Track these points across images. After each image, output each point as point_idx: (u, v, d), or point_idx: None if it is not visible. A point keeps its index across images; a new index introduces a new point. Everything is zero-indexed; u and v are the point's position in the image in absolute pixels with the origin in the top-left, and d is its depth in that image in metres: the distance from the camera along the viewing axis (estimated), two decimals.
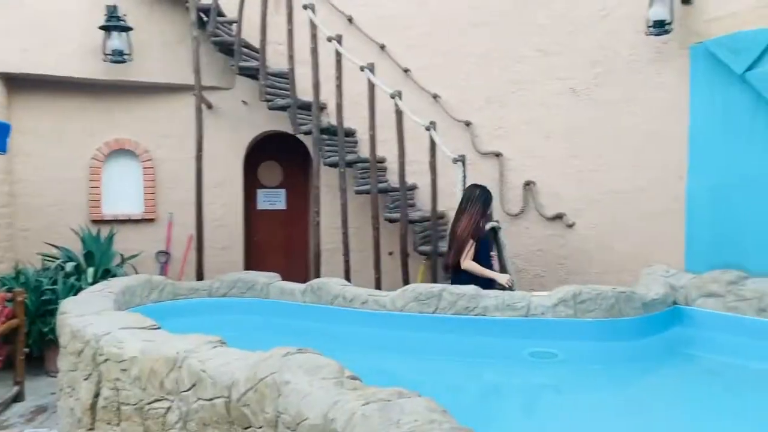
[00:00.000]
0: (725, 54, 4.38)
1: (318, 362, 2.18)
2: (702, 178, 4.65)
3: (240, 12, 5.75)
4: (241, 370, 2.32)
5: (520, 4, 5.76)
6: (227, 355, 2.54)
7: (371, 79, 5.41)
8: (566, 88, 5.55)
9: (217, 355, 2.56)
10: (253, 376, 2.22)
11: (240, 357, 2.46)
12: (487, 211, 4.71)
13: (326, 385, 1.99)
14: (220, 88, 6.33)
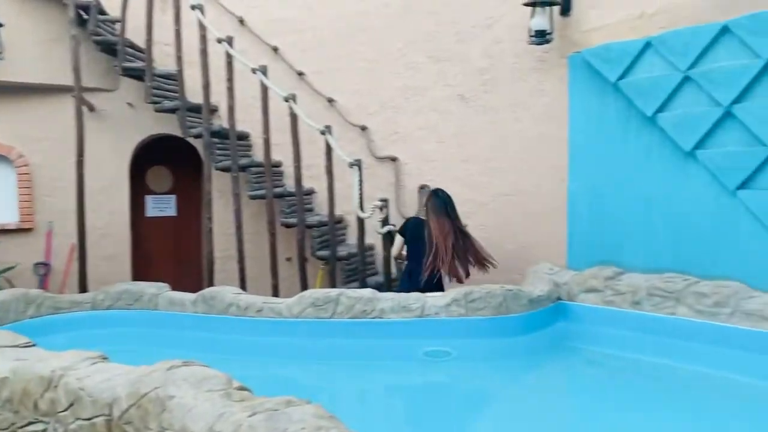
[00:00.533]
0: (600, 63, 4.67)
1: (204, 374, 2.11)
2: (581, 180, 4.93)
3: (123, 10, 5.50)
4: (123, 387, 2.21)
5: (408, 12, 5.87)
6: (108, 371, 2.41)
7: (264, 81, 5.34)
8: (456, 95, 5.72)
9: (97, 372, 2.42)
10: (136, 391, 2.12)
11: (122, 373, 2.34)
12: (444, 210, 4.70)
13: (212, 398, 1.93)
14: (103, 90, 6.01)
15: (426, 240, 4.64)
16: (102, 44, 5.69)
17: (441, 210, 4.69)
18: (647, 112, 4.43)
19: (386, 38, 5.99)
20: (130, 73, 5.74)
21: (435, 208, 4.70)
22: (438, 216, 4.67)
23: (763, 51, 3.83)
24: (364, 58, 6.07)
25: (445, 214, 4.68)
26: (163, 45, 5.82)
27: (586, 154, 4.90)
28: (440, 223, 4.64)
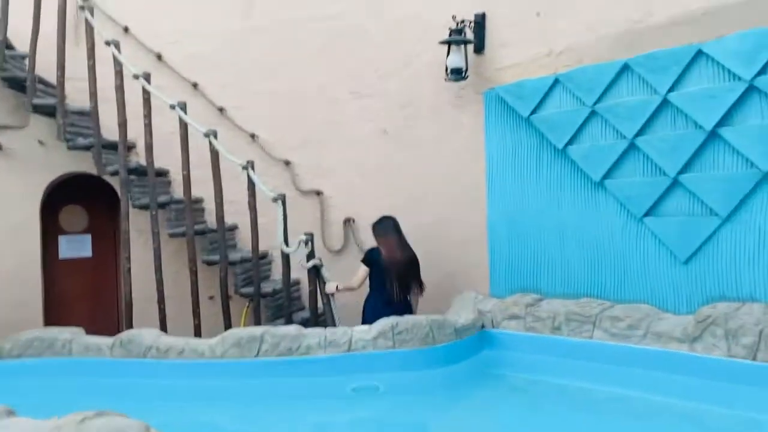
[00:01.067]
0: (513, 99, 4.88)
1: (120, 425, 2.03)
2: (499, 210, 5.09)
3: (33, 46, 5.30)
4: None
5: (330, 49, 5.96)
6: (13, 426, 2.26)
7: (183, 117, 5.26)
8: (379, 129, 5.82)
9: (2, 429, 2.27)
10: None
11: (28, 428, 2.21)
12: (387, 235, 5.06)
13: None
14: (11, 127, 5.73)
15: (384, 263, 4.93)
16: (9, 81, 5.46)
17: (388, 229, 5.06)
18: (558, 144, 4.65)
19: (308, 74, 6.04)
20: (41, 110, 5.51)
21: (383, 232, 5.06)
22: (386, 235, 5.03)
23: (661, 87, 4.12)
24: (288, 93, 6.09)
25: (392, 231, 5.05)
26: (77, 81, 5.63)
27: (503, 185, 5.08)
28: (388, 242, 5.00)
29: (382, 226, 5.09)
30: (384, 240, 5.03)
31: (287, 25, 6.05)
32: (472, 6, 5.18)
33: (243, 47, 6.14)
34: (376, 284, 5.03)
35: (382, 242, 5.03)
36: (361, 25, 5.83)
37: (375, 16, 5.78)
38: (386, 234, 5.05)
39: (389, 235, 5.04)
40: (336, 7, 5.91)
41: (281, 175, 6.13)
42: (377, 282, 5.01)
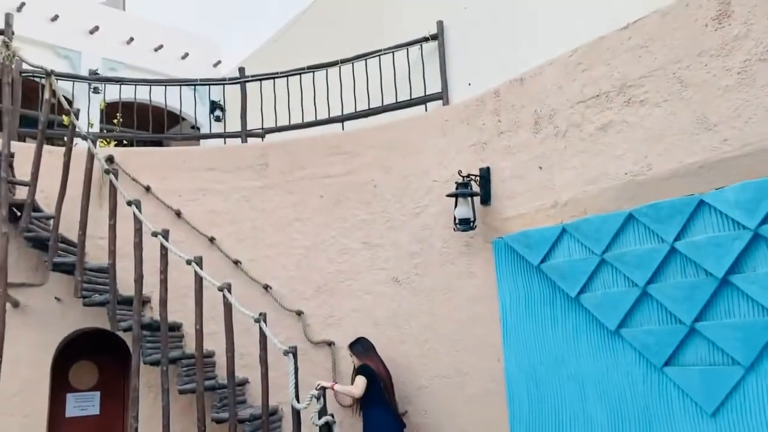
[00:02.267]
0: (521, 248, 4.96)
1: None
2: (516, 361, 4.99)
3: (58, 208, 5.55)
4: None
5: (341, 202, 6.19)
6: None
7: (198, 272, 5.36)
8: (390, 278, 5.88)
9: None
10: None
11: None
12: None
13: None
14: (30, 285, 5.86)
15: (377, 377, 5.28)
16: (33, 240, 5.66)
17: (370, 349, 5.50)
18: (571, 293, 4.65)
19: (320, 226, 6.23)
20: (61, 268, 5.66)
21: (365, 350, 5.48)
22: (370, 352, 5.48)
23: (667, 236, 4.18)
24: (300, 245, 6.24)
25: (373, 349, 5.51)
26: (98, 239, 5.84)
27: (518, 334, 5.02)
28: (374, 359, 5.44)
29: (363, 344, 5.52)
30: (369, 357, 5.43)
31: (301, 182, 6.34)
32: (477, 161, 5.43)
33: (258, 203, 6.40)
34: (378, 399, 5.24)
35: (370, 359, 5.41)
36: (372, 180, 6.09)
37: (385, 173, 6.05)
38: (369, 351, 5.48)
39: (372, 352, 5.49)
40: (348, 166, 6.21)
41: (294, 326, 6.11)
42: (379, 397, 5.24)
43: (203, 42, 11.96)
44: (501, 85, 5.42)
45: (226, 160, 6.56)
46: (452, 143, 5.73)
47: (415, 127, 6.08)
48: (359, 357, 5.45)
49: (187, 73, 10.14)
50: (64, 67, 9.59)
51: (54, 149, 6.14)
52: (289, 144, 6.62)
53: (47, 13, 9.62)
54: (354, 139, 6.36)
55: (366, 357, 5.43)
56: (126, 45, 10.58)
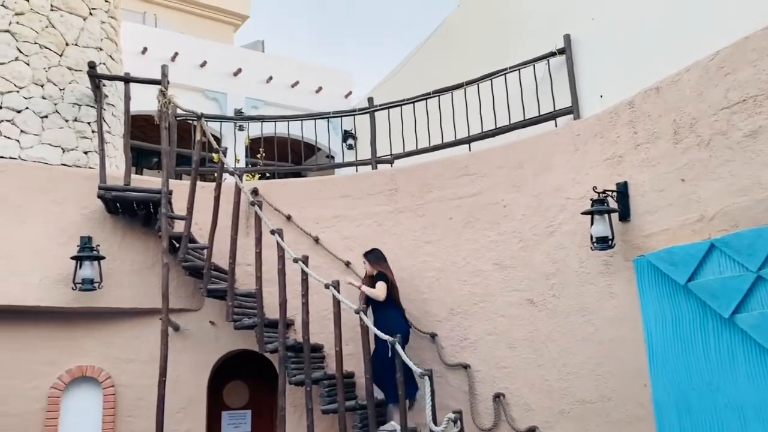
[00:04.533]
0: (665, 266, 4.67)
1: None
2: (665, 386, 4.68)
3: (211, 238, 6.02)
4: None
5: (472, 223, 6.19)
6: None
7: (336, 296, 5.57)
8: (524, 300, 5.77)
9: None
10: None
11: None
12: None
13: None
14: (188, 310, 6.41)
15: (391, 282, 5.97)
16: (190, 269, 6.19)
17: (382, 259, 6.13)
18: (723, 313, 4.30)
19: (451, 248, 6.26)
20: (214, 294, 6.13)
21: (378, 259, 6.12)
22: (382, 262, 6.11)
23: None
24: (431, 267, 6.31)
25: (384, 261, 6.11)
26: (246, 266, 6.28)
27: (666, 357, 4.71)
28: (387, 267, 6.08)
29: (377, 254, 6.15)
30: (382, 265, 6.07)
31: (431, 205, 6.43)
32: (612, 176, 5.22)
33: (390, 227, 6.56)
34: (391, 301, 5.92)
35: (383, 267, 6.06)
36: (502, 200, 6.04)
37: (515, 192, 5.98)
38: (381, 261, 6.10)
39: (384, 262, 6.11)
40: (477, 187, 6.21)
41: (428, 348, 6.16)
42: (392, 300, 5.92)
43: (335, 74, 12.54)
44: (635, 96, 5.19)
45: (358, 187, 6.81)
46: (585, 158, 5.56)
47: (544, 143, 5.97)
48: (373, 264, 6.07)
49: (322, 105, 10.67)
50: (212, 108, 10.47)
51: (206, 185, 6.69)
52: (418, 168, 6.75)
53: (197, 61, 10.58)
54: (482, 159, 6.36)
55: (379, 265, 6.04)
56: (266, 84, 11.36)
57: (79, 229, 6.09)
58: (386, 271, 6.01)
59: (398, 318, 5.92)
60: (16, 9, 6.77)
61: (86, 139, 6.80)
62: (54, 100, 6.69)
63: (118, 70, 7.45)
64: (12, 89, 6.51)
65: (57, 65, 6.80)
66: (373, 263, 6.10)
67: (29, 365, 5.92)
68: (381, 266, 6.06)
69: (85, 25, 7.16)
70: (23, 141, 6.42)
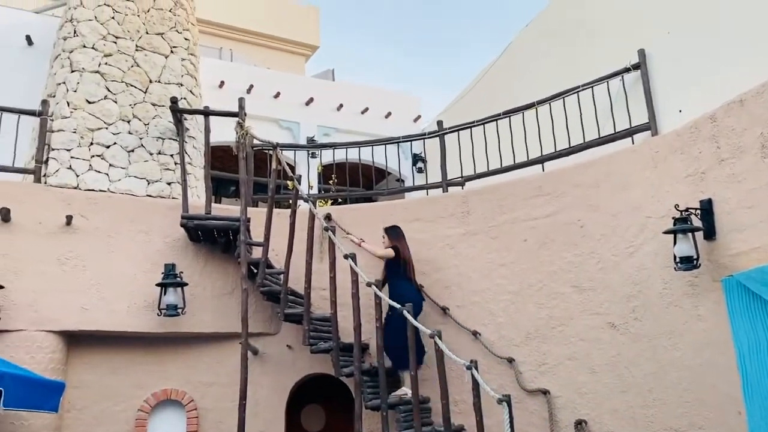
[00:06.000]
0: (757, 286, 4.43)
1: None
2: (762, 413, 4.40)
3: (287, 263, 6.16)
4: None
5: (548, 244, 6.06)
6: None
7: (409, 319, 5.56)
8: (605, 323, 5.58)
9: None
10: None
11: None
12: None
13: None
14: (266, 334, 6.56)
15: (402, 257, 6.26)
16: (267, 294, 6.34)
17: (401, 237, 6.38)
18: None
19: (526, 270, 6.15)
20: (291, 318, 6.25)
21: (397, 236, 6.38)
22: (401, 238, 6.37)
23: None
24: (506, 290, 6.21)
25: (403, 239, 6.37)
26: (320, 290, 6.37)
27: (761, 383, 4.43)
28: (404, 244, 6.35)
29: (396, 231, 6.42)
30: (399, 241, 6.33)
31: (504, 227, 6.35)
32: (695, 193, 5.02)
33: (462, 249, 6.51)
34: (403, 275, 6.22)
35: (400, 242, 6.32)
36: (579, 220, 5.91)
37: (592, 211, 5.84)
38: (401, 238, 6.37)
39: (403, 240, 6.37)
40: (552, 207, 6.11)
41: (506, 374, 6.04)
42: (404, 273, 6.22)
43: (404, 99, 12.65)
44: (717, 109, 4.99)
45: (429, 210, 6.82)
46: (665, 175, 5.37)
47: (621, 161, 5.81)
48: (390, 239, 6.35)
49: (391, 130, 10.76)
50: (286, 137, 10.76)
51: (281, 211, 6.87)
52: (490, 190, 6.69)
53: (271, 92, 10.93)
54: (556, 179, 6.25)
55: (396, 240, 6.33)
56: (336, 111, 11.58)
57: (164, 256, 6.37)
58: (401, 246, 6.32)
59: (411, 290, 6.17)
60: (105, 51, 7.24)
61: (169, 171, 7.15)
62: (139, 134, 7.09)
63: (197, 104, 7.81)
64: (101, 126, 6.94)
65: (142, 101, 7.21)
66: (391, 238, 6.38)
67: (118, 389, 6.21)
68: (398, 241, 6.36)
69: (167, 63, 7.57)
70: (112, 174, 6.81)
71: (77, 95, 6.94)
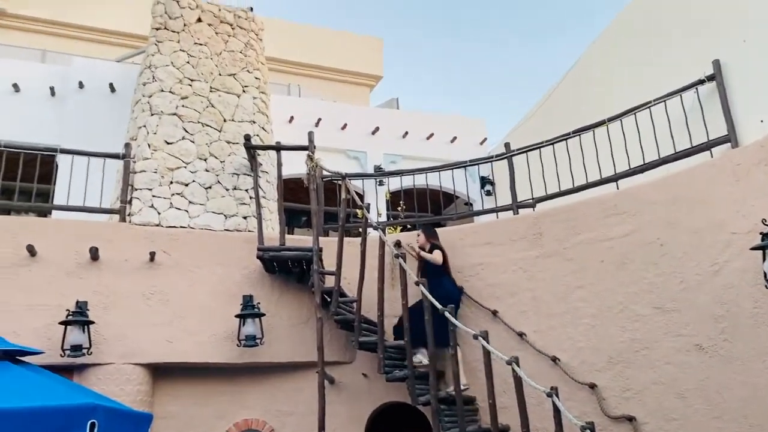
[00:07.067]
0: None
1: None
2: None
3: (359, 292, 6.22)
4: None
5: (626, 265, 5.87)
6: None
7: (485, 346, 5.48)
8: (692, 345, 5.33)
9: None
10: None
11: None
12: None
13: None
14: (341, 363, 6.62)
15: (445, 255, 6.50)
16: (341, 322, 6.40)
17: (437, 236, 6.70)
18: None
19: (605, 292, 5.96)
20: (365, 346, 6.28)
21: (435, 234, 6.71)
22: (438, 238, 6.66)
23: None
24: (585, 313, 6.04)
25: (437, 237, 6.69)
26: (393, 318, 6.38)
27: None
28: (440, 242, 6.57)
29: (432, 230, 6.78)
30: (437, 240, 6.60)
31: (579, 248, 6.20)
32: None
33: (536, 273, 6.39)
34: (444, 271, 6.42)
35: (438, 241, 6.57)
36: (658, 239, 5.70)
37: (671, 229, 5.63)
38: (436, 236, 6.66)
39: (437, 238, 6.64)
40: (628, 226, 5.93)
41: (588, 400, 5.84)
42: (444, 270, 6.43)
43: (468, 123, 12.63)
44: None
45: (500, 234, 6.74)
46: (749, 189, 5.13)
47: (700, 176, 5.59)
48: (428, 238, 6.63)
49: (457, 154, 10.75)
50: (353, 167, 10.94)
51: (351, 240, 6.96)
52: (562, 210, 6.56)
53: (338, 123, 11.16)
54: (632, 197, 6.07)
55: (434, 239, 6.60)
56: (402, 139, 11.69)
57: (241, 288, 6.56)
58: (440, 243, 6.55)
59: (450, 285, 6.40)
60: (182, 93, 7.62)
61: (245, 205, 7.40)
62: (216, 171, 7.39)
63: (269, 139, 8.07)
64: (180, 165, 7.28)
65: (217, 140, 7.52)
66: (428, 237, 6.64)
67: (201, 419, 6.39)
68: (435, 240, 6.60)
69: (240, 102, 7.89)
70: (191, 211, 7.11)
71: (157, 137, 7.32)
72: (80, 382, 5.80)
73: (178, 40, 7.94)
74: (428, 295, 5.63)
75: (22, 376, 4.29)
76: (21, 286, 6.03)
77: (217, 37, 8.18)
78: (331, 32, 16.30)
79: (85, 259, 6.27)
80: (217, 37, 8.18)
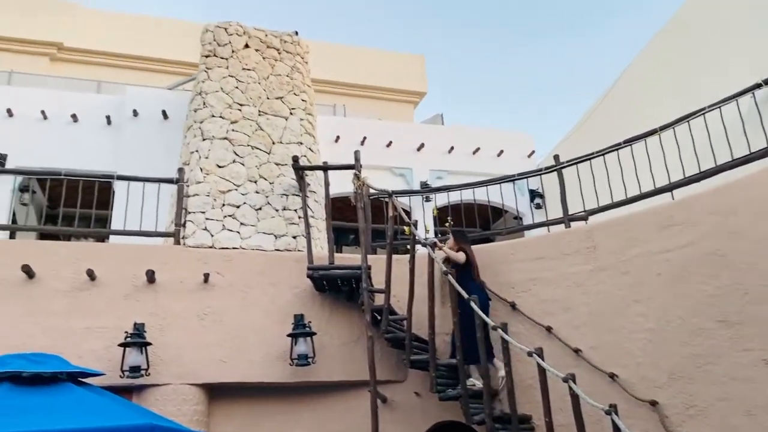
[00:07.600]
0: None
1: None
2: None
3: (409, 309, 6.19)
4: None
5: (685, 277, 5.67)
6: None
7: (540, 363, 5.36)
8: (760, 360, 5.09)
9: None
10: None
11: None
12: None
13: None
14: (393, 382, 6.58)
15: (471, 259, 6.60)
16: (392, 341, 6.37)
17: (466, 239, 6.79)
18: None
19: (664, 306, 5.76)
20: (417, 365, 6.23)
21: (463, 239, 6.76)
22: (467, 242, 6.76)
23: None
24: (643, 328, 5.84)
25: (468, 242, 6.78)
26: (444, 335, 6.33)
27: None
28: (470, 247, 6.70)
29: (462, 234, 6.89)
30: (467, 245, 6.68)
31: (635, 261, 6.02)
32: None
33: (591, 287, 6.24)
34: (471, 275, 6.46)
35: (466, 246, 6.63)
36: (718, 250, 5.49)
37: (732, 240, 5.41)
38: (466, 241, 6.74)
39: (466, 242, 6.73)
40: (686, 237, 5.72)
41: (649, 418, 5.63)
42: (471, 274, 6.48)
43: (515, 136, 12.52)
44: None
45: (552, 248, 6.62)
46: None
47: (762, 183, 5.37)
48: (457, 241, 6.67)
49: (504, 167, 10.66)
50: (399, 184, 10.97)
51: (399, 257, 6.94)
52: (616, 222, 6.40)
53: (383, 141, 11.23)
54: (688, 207, 5.87)
55: (463, 242, 6.67)
56: (448, 154, 11.67)
57: (292, 307, 6.61)
58: (469, 250, 6.61)
59: (477, 289, 6.32)
60: (231, 118, 7.81)
61: (294, 225, 7.49)
62: (265, 193, 7.52)
63: (316, 159, 8.18)
64: (231, 188, 7.44)
65: (266, 162, 7.66)
66: (457, 240, 6.70)
67: None
68: (464, 244, 6.67)
69: (287, 124, 8.03)
70: (243, 232, 7.24)
71: (209, 161, 7.51)
72: (139, 402, 5.93)
73: (226, 66, 8.16)
74: (479, 311, 5.57)
75: (84, 397, 4.41)
76: (82, 310, 6.23)
77: (264, 62, 8.37)
78: (374, 51, 16.50)
79: (142, 281, 6.44)
80: (264, 62, 8.37)
